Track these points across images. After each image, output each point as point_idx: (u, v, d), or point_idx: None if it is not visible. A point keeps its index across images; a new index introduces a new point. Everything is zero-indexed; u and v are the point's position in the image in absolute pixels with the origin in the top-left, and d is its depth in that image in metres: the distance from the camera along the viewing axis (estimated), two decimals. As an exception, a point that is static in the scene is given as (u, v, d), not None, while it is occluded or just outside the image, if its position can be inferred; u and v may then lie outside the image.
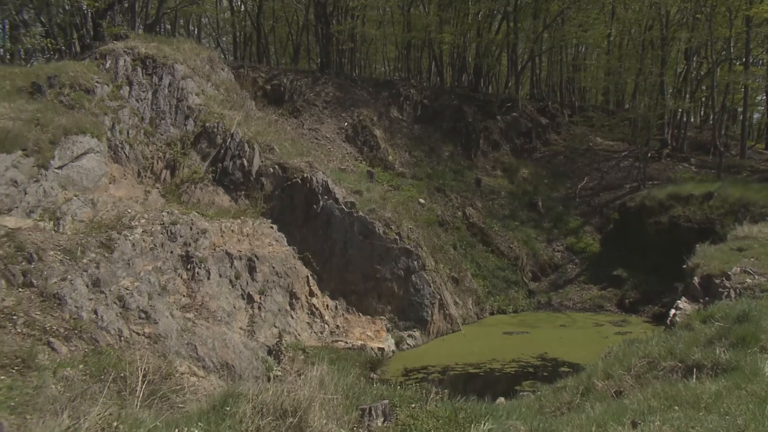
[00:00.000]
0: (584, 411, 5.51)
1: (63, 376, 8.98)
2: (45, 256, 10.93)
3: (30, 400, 7.94)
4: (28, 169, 12.38)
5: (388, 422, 4.59)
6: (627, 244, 23.14)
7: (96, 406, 4.98)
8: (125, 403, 6.83)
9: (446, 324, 18.06)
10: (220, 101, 18.98)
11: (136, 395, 5.88)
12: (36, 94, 14.59)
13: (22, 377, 8.50)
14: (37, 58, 20.42)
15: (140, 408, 5.67)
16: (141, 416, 5.03)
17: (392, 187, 22.87)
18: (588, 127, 31.57)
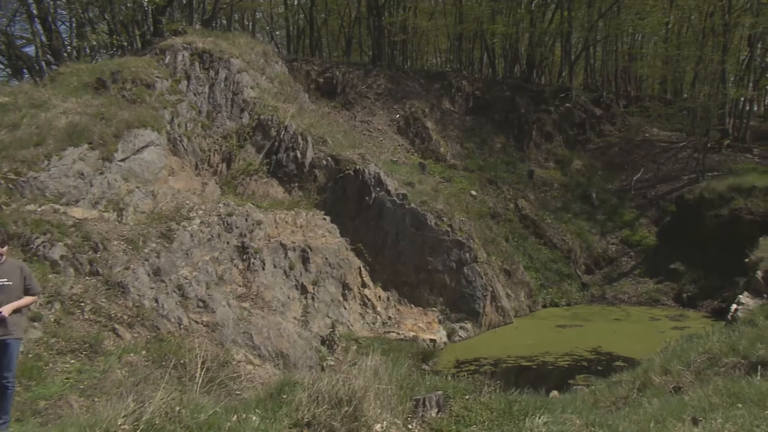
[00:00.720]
0: (641, 406, 5.44)
1: (127, 362, 9.36)
2: (109, 246, 11.36)
3: (97, 384, 8.32)
4: (94, 162, 12.87)
5: (442, 413, 4.62)
6: (685, 237, 22.48)
7: (158, 390, 5.15)
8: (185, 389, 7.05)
9: (498, 316, 17.96)
10: (274, 94, 19.27)
11: (195, 381, 6.05)
12: (101, 89, 15.16)
13: (90, 361, 8.90)
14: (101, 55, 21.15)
15: (200, 394, 5.83)
16: (201, 402, 5.17)
17: (444, 178, 22.80)
18: (644, 117, 30.72)
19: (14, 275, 6.53)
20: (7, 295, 6.43)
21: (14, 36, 25.05)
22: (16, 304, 6.47)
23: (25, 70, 24.16)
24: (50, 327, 9.19)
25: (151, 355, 9.68)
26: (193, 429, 4.54)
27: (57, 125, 12.92)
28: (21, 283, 6.58)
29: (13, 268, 6.60)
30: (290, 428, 4.68)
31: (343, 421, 4.52)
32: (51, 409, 7.42)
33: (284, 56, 27.32)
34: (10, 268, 6.57)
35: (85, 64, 17.25)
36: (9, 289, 6.46)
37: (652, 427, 4.47)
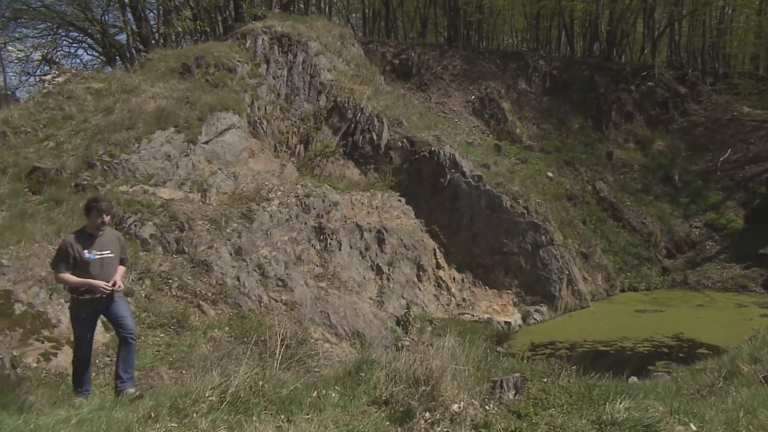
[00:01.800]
0: (729, 395, 5.26)
1: (211, 337, 9.78)
2: (194, 226, 11.85)
3: (185, 357, 8.75)
4: (179, 144, 13.41)
5: (519, 395, 4.63)
6: (776, 221, 21.33)
7: (241, 365, 5.37)
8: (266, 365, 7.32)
9: (574, 300, 17.66)
10: (350, 76, 19.44)
11: (275, 358, 6.25)
12: (186, 74, 15.72)
13: (177, 336, 9.36)
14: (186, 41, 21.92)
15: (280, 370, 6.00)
16: (282, 377, 5.34)
17: (520, 160, 22.47)
18: (733, 95, 29.12)
19: (114, 246, 6.45)
20: (110, 268, 6.36)
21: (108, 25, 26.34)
22: (119, 275, 6.45)
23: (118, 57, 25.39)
24: (141, 302, 9.70)
25: (234, 332, 10.07)
26: (275, 403, 4.71)
27: (146, 109, 13.52)
28: (119, 255, 6.53)
29: (113, 239, 6.52)
30: (368, 405, 4.79)
31: (420, 400, 4.59)
32: (144, 379, 7.86)
33: (360, 38, 27.44)
34: (110, 238, 6.48)
35: (171, 50, 17.93)
36: (112, 261, 6.39)
37: (742, 417, 4.33)
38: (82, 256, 6.13)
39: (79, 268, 6.14)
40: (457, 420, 4.35)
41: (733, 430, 4.21)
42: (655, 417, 4.22)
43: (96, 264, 6.20)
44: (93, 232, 6.30)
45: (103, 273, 6.22)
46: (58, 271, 6.19)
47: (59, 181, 11.27)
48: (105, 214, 6.27)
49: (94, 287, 6.11)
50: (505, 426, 4.19)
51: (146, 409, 4.73)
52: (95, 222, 6.25)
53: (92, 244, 6.22)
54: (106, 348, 8.26)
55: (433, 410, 4.52)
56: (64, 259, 6.14)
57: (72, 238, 6.30)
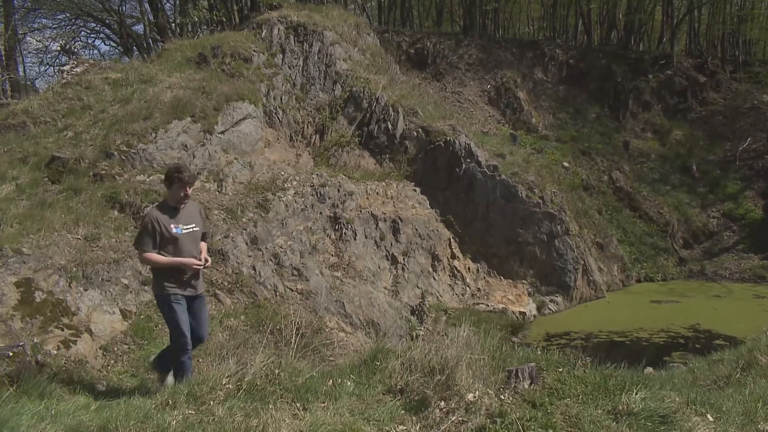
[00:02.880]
0: (746, 386, 5.23)
1: (228, 326, 9.85)
2: (211, 215, 11.92)
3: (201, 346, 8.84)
4: (196, 134, 13.48)
5: (534, 385, 4.64)
6: (796, 212, 21.08)
7: (257, 354, 5.42)
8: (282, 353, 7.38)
9: (590, 290, 17.58)
10: (365, 66, 19.41)
11: (290, 347, 6.32)
12: (202, 63, 15.77)
13: (194, 325, 9.44)
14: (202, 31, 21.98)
15: (296, 358, 6.06)
16: (298, 366, 5.40)
17: (535, 150, 22.34)
18: (753, 84, 28.67)
19: (198, 219, 6.01)
20: (196, 243, 5.92)
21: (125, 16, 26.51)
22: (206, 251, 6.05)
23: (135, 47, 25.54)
24: (159, 290, 9.79)
25: (250, 320, 10.14)
26: (291, 391, 4.76)
27: (163, 99, 13.59)
28: (202, 228, 6.09)
29: (196, 211, 6.07)
30: (384, 394, 4.82)
31: (435, 389, 4.62)
32: (161, 366, 7.95)
33: (375, 28, 27.36)
34: (194, 211, 6.01)
35: (187, 40, 17.98)
36: (197, 235, 5.93)
37: (760, 408, 4.31)
38: (169, 231, 5.66)
39: (165, 246, 5.69)
40: (472, 409, 4.37)
41: (750, 420, 4.19)
42: (672, 407, 4.21)
43: (185, 239, 5.74)
44: (176, 204, 5.82)
45: (191, 249, 5.79)
46: (144, 249, 5.69)
47: (78, 171, 11.39)
48: (188, 186, 5.81)
49: (186, 265, 5.69)
50: (520, 415, 4.20)
51: (164, 396, 4.80)
52: (177, 194, 5.78)
53: (178, 218, 5.76)
54: (124, 336, 8.36)
55: (448, 399, 4.54)
56: (150, 236, 5.65)
57: (156, 212, 5.82)
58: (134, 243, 6.07)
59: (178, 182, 5.75)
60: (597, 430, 4.01)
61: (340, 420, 4.31)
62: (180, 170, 5.84)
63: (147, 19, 21.73)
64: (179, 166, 6.20)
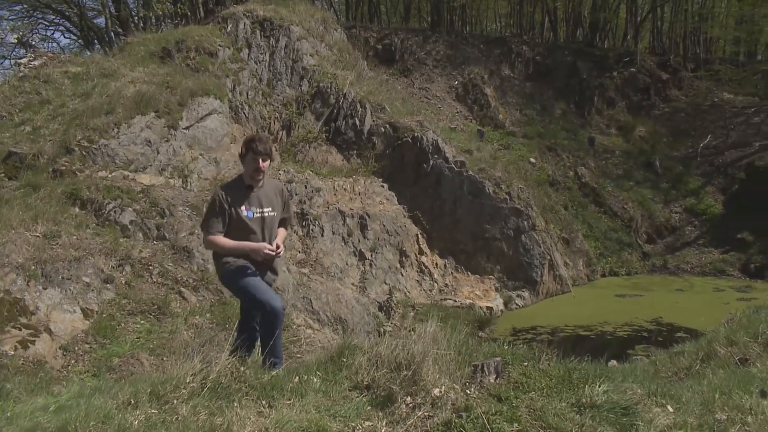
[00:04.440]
0: (705, 377, 5.34)
1: (193, 323, 9.73)
2: (175, 212, 11.76)
3: (166, 344, 8.71)
4: (160, 130, 13.27)
5: (500, 379, 4.66)
6: (753, 206, 21.53)
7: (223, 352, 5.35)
8: (249, 351, 7.29)
9: (556, 285, 17.80)
10: (333, 61, 19.32)
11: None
12: (166, 58, 15.53)
13: (158, 322, 9.30)
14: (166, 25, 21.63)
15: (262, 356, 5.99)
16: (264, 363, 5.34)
17: (502, 146, 22.50)
18: (714, 81, 29.32)
19: (276, 202, 5.18)
20: (272, 229, 5.14)
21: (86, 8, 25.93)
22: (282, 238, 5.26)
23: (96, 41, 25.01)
24: (122, 289, 9.63)
25: (215, 318, 10.03)
26: (257, 388, 4.71)
27: (126, 94, 13.35)
28: (280, 213, 5.24)
29: (274, 192, 5.23)
30: (350, 390, 4.80)
31: (402, 384, 4.61)
32: (124, 365, 7.82)
33: (343, 23, 27.24)
34: (272, 191, 5.19)
35: (151, 34, 17.69)
36: (273, 220, 5.16)
37: (718, 398, 4.41)
38: (239, 213, 4.96)
39: (232, 230, 4.99)
40: (438, 404, 4.37)
41: (708, 410, 4.28)
42: (633, 399, 4.27)
43: (256, 224, 5.02)
44: (250, 182, 5.05)
45: (264, 236, 5.05)
46: (210, 232, 4.98)
47: (36, 167, 11.13)
48: (262, 158, 4.95)
49: (256, 251, 4.95)
50: (486, 409, 4.22)
51: (126, 395, 4.70)
52: (250, 168, 4.99)
53: (251, 199, 5.03)
54: (86, 335, 8.20)
55: (414, 394, 4.54)
56: (218, 217, 4.96)
57: (225, 190, 5.07)
58: (201, 225, 5.29)
59: (251, 153, 4.94)
60: (561, 423, 4.05)
61: (306, 417, 4.27)
62: (254, 139, 5.02)
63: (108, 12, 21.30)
64: (255, 135, 5.50)
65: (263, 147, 4.94)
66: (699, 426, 4.07)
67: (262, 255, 4.94)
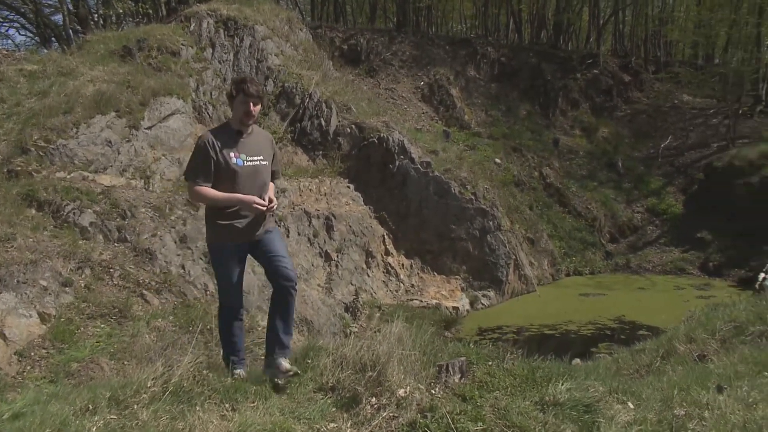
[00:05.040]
0: (665, 374, 5.45)
1: (155, 327, 9.54)
2: (137, 213, 11.53)
3: (127, 348, 8.52)
4: (121, 130, 13.00)
5: (465, 379, 4.67)
6: (713, 206, 22.13)
7: (186, 355, 5.27)
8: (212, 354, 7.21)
9: (521, 284, 17.98)
10: (298, 62, 19.21)
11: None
12: (127, 57, 15.22)
13: (119, 326, 9.10)
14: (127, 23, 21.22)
15: (226, 358, 5.91)
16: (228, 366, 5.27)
17: (468, 146, 22.67)
18: (674, 83, 30.02)
19: (267, 150, 4.76)
20: (263, 179, 4.72)
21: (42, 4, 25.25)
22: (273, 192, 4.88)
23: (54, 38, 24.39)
24: (81, 292, 9.39)
25: (179, 321, 9.86)
26: (220, 391, 4.64)
27: (85, 93, 13.05)
28: (271, 163, 4.82)
29: (264, 141, 4.81)
30: (315, 392, 4.76)
31: (367, 385, 4.59)
32: (83, 371, 7.63)
33: (308, 23, 27.14)
34: (261, 140, 4.77)
35: (111, 32, 17.32)
36: (264, 170, 4.72)
37: (676, 394, 4.49)
38: (227, 160, 4.49)
39: (221, 181, 4.53)
40: (403, 404, 4.36)
41: (667, 407, 4.35)
42: (595, 397, 4.32)
43: (247, 174, 4.56)
44: (239, 127, 4.61)
45: (254, 187, 4.61)
46: (195, 182, 4.54)
47: (-10, 168, 10.81)
48: (253, 101, 4.53)
49: (246, 203, 4.51)
50: (450, 409, 4.22)
51: (84, 401, 4.58)
52: (239, 112, 4.54)
53: (240, 145, 4.58)
54: (42, 340, 7.98)
55: (379, 395, 4.52)
56: (204, 164, 4.49)
57: (212, 135, 4.60)
58: (184, 173, 4.82)
59: (242, 95, 4.49)
60: (525, 422, 4.07)
61: (270, 419, 4.22)
62: (245, 80, 4.56)
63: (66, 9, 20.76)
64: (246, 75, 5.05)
65: (255, 89, 4.51)
66: (658, 422, 4.13)
67: (253, 209, 4.53)
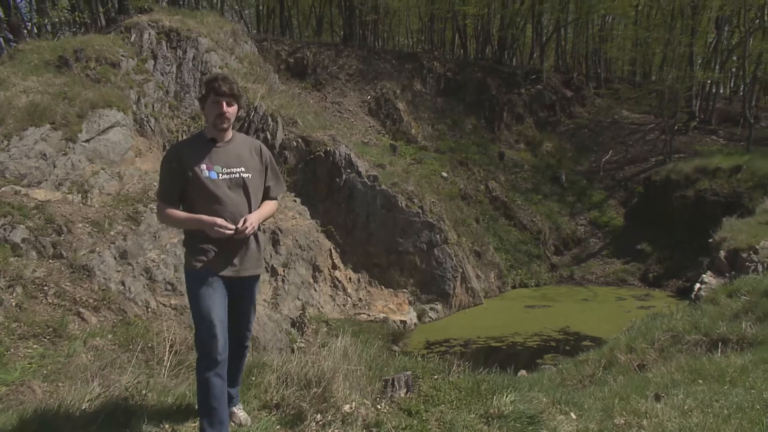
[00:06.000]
0: (607, 384, 5.54)
1: (93, 346, 9.18)
2: (74, 229, 11.13)
3: (62, 368, 8.15)
4: (57, 143, 12.56)
5: (410, 393, 4.64)
6: (651, 219, 22.90)
7: (125, 374, 5.09)
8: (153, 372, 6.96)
9: (468, 297, 18.11)
10: (243, 74, 18.99)
11: (163, 365, 6.01)
12: (63, 67, 14.73)
13: (53, 346, 8.72)
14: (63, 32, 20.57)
15: (168, 377, 5.78)
16: (169, 384, 5.14)
17: (415, 160, 22.81)
18: (614, 99, 31.07)
19: (251, 162, 3.92)
20: (248, 197, 3.86)
21: (-30, 12, 24.24)
22: (261, 214, 3.95)
23: (-17, 47, 23.41)
24: (11, 312, 8.97)
25: (118, 339, 9.52)
26: (160, 411, 4.50)
27: (17, 104, 12.56)
28: (260, 176, 3.97)
29: (249, 151, 3.96)
30: (259, 410, 4.66)
31: (312, 402, 4.51)
32: (12, 395, 7.24)
33: (254, 36, 26.92)
34: (245, 149, 3.94)
35: (46, 41, 16.74)
36: (248, 185, 3.86)
37: (617, 403, 4.56)
38: (197, 173, 3.73)
39: (195, 198, 3.76)
40: (349, 420, 4.31)
41: (608, 416, 4.41)
42: (539, 408, 4.35)
43: (223, 188, 3.76)
44: (213, 134, 3.86)
45: (235, 204, 3.78)
46: (160, 202, 3.83)
47: None
48: (227, 101, 3.78)
49: (206, 225, 3.64)
50: (396, 424, 4.19)
51: (11, 426, 4.36)
52: (212, 114, 3.80)
53: (214, 155, 3.81)
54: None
55: (324, 412, 4.46)
56: (170, 181, 3.79)
57: (180, 146, 3.97)
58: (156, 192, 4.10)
59: (213, 95, 3.77)
60: (470, 435, 4.07)
61: (211, 440, 4.09)
62: (216, 78, 3.83)
63: (-4, 17, 20.00)
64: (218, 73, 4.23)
65: (228, 87, 3.76)
66: (600, 431, 4.18)
67: (215, 232, 3.62)
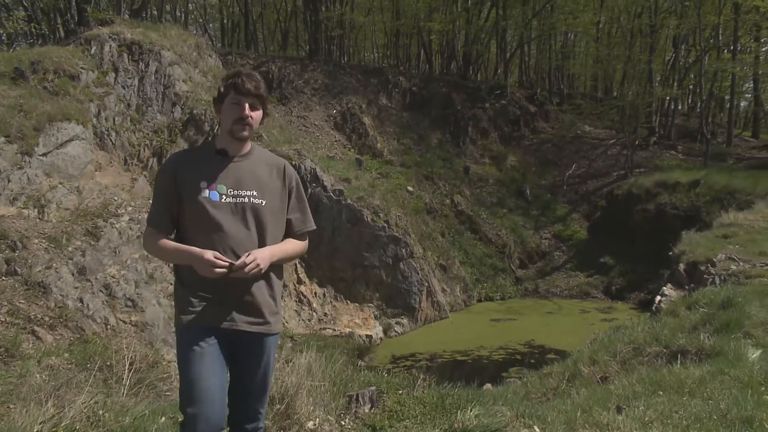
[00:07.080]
0: (570, 396, 5.55)
1: (48, 365, 8.89)
2: (29, 244, 10.82)
3: (14, 390, 7.86)
4: (11, 156, 12.23)
5: (375, 408, 4.58)
6: (614, 232, 23.26)
7: (82, 394, 4.93)
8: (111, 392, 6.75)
9: (434, 311, 18.11)
10: (207, 88, 18.80)
11: (122, 383, 5.85)
12: (19, 79, 14.38)
13: (5, 366, 8.42)
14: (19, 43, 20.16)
15: (127, 396, 5.63)
16: (127, 404, 4.99)
17: (381, 174, 22.82)
18: (576, 114, 31.60)
19: (269, 187, 3.04)
20: (264, 226, 2.96)
21: None
22: (276, 252, 2.98)
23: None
24: (-38, 331, 8.66)
25: (75, 358, 9.23)
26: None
27: (-30, 117, 12.23)
28: (279, 203, 3.06)
29: (269, 172, 3.09)
30: (220, 429, 4.54)
31: (275, 419, 4.43)
32: (-40, 418, 6.98)
33: (218, 50, 26.74)
34: (262, 169, 3.07)
35: (1, 53, 16.37)
36: (266, 213, 2.97)
37: (579, 416, 4.56)
38: (193, 192, 2.89)
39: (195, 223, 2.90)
40: (312, 438, 4.23)
41: (571, 429, 4.41)
42: (503, 422, 4.33)
43: (225, 214, 2.88)
44: (225, 144, 3.03)
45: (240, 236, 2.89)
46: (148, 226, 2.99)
47: None
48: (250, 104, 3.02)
49: (196, 258, 2.77)
50: (360, 440, 4.12)
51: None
52: (230, 118, 2.99)
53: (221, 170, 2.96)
54: None
55: (287, 429, 4.38)
56: (161, 202, 2.96)
57: (179, 157, 3.12)
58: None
59: (233, 93, 3.01)
60: (434, 450, 4.02)
61: (169, 461, 3.97)
62: (239, 74, 3.09)
63: (-52, 26, 19.53)
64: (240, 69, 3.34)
65: (253, 85, 3.03)
66: (564, 444, 4.18)
67: (208, 270, 2.74)
